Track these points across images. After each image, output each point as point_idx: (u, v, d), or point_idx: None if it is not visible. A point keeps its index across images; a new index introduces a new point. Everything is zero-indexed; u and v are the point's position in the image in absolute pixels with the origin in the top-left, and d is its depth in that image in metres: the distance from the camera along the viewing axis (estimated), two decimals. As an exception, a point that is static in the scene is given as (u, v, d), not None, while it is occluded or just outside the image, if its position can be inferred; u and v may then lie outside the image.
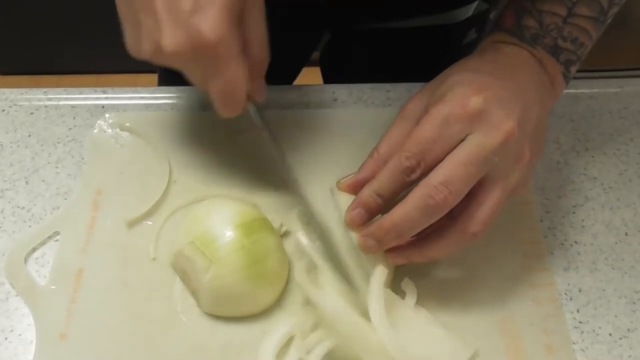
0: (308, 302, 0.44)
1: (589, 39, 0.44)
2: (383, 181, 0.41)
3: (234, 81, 0.38)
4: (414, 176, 0.40)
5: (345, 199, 0.44)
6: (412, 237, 0.41)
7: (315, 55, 0.80)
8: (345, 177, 0.45)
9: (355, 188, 0.44)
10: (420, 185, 0.39)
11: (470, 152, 0.38)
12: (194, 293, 0.45)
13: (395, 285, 0.45)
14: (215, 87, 0.39)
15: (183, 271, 0.45)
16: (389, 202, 0.41)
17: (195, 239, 0.43)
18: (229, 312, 0.44)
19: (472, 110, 0.38)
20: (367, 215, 0.42)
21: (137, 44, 0.39)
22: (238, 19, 0.37)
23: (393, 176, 0.40)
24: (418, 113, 0.42)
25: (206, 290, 0.43)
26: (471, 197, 0.40)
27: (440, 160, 0.39)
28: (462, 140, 0.39)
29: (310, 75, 0.80)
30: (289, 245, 0.47)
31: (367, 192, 0.41)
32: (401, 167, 0.40)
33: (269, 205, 0.50)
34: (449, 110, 0.39)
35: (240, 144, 0.54)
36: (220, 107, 0.40)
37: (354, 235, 0.43)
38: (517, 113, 0.39)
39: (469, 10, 0.66)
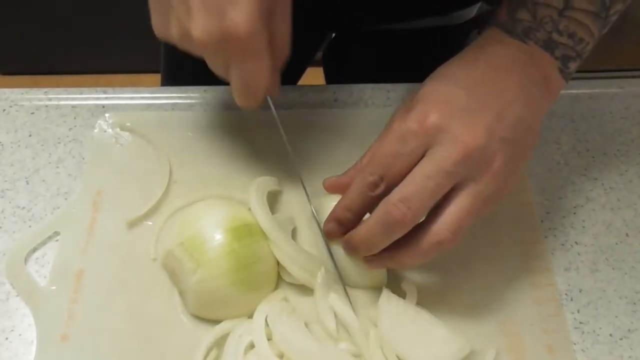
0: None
1: (589, 34, 0.43)
2: (351, 196, 0.42)
3: (258, 73, 0.38)
4: (378, 191, 0.40)
5: (329, 204, 0.45)
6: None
7: (320, 55, 0.80)
8: (331, 177, 0.46)
9: (334, 189, 0.45)
10: (382, 202, 0.40)
11: (427, 168, 0.39)
12: (181, 294, 0.45)
13: (395, 285, 0.45)
14: (238, 77, 0.39)
15: (172, 271, 0.45)
16: (360, 216, 0.42)
17: (186, 240, 0.43)
18: (214, 315, 0.44)
19: (429, 126, 0.39)
20: (341, 229, 0.43)
21: (165, 27, 0.39)
22: (268, 12, 0.37)
23: (359, 191, 0.41)
24: None
25: (192, 293, 0.42)
26: (439, 207, 0.40)
27: (403, 175, 0.39)
28: (423, 155, 0.39)
29: (314, 76, 0.80)
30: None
31: (339, 208, 0.43)
32: (365, 183, 0.41)
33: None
34: (407, 127, 0.40)
35: (240, 144, 0.54)
36: (240, 97, 0.40)
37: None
38: (483, 122, 0.39)
39: (472, 12, 0.66)
